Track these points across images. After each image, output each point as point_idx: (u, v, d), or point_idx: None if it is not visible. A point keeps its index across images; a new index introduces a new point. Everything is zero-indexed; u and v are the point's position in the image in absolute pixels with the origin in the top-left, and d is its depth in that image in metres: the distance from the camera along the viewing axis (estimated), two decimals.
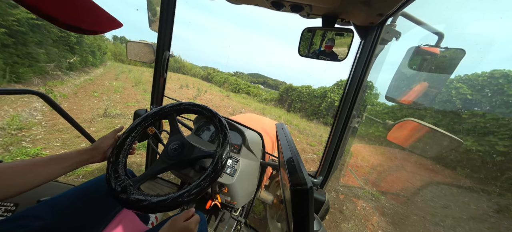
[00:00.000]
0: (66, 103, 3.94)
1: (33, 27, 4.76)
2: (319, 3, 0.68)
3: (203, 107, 0.74)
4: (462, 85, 7.13)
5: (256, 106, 12.07)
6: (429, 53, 0.74)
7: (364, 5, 0.60)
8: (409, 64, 0.81)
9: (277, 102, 15.98)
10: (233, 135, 1.17)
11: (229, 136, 0.67)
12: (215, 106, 8.18)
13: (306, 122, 11.05)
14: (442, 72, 0.74)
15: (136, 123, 0.71)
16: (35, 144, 2.29)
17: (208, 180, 0.57)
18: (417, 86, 0.84)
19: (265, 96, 17.63)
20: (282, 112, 12.55)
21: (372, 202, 3.14)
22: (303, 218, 0.37)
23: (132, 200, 0.53)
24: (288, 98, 15.07)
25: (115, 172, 0.58)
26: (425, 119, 7.11)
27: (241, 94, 18.02)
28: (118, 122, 3.58)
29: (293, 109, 14.21)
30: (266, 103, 15.88)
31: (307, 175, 0.37)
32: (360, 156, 5.48)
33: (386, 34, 0.76)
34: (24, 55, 4.43)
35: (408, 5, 0.56)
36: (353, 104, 0.92)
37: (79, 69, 7.62)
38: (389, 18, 0.68)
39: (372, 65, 0.84)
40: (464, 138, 5.71)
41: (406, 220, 2.84)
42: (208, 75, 26.99)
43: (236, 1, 0.89)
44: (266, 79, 64.29)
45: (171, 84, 12.06)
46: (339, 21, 0.80)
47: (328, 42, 0.83)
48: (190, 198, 0.54)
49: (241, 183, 1.03)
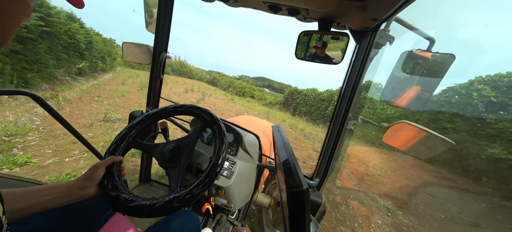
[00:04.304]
0: (69, 108, 3.82)
1: (42, 34, 4.76)
2: (315, 7, 0.69)
3: (203, 110, 0.74)
4: (485, 87, 6.35)
5: (261, 110, 11.77)
6: (421, 58, 0.76)
7: (359, 9, 0.62)
8: (403, 68, 0.83)
9: (282, 105, 15.58)
10: (230, 137, 1.17)
11: (226, 142, 0.67)
12: (219, 110, 7.94)
13: (312, 126, 10.69)
14: (434, 76, 0.76)
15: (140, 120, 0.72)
16: (26, 151, 2.19)
17: (200, 187, 0.57)
18: (411, 90, 0.86)
19: (270, 99, 17.27)
20: (287, 116, 11.92)
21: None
22: (299, 221, 0.37)
23: (122, 199, 0.53)
24: (293, 102, 14.68)
25: (108, 169, 0.58)
26: (442, 124, 6.59)
27: (246, 98, 17.72)
28: (117, 126, 3.46)
29: (299, 112, 13.78)
30: (270, 106, 15.46)
31: (303, 177, 0.37)
32: (356, 158, 5.36)
33: (380, 38, 0.77)
34: (33, 61, 4.45)
35: (400, 11, 0.58)
36: (349, 107, 0.93)
37: (88, 74, 7.62)
38: (383, 23, 0.70)
39: (367, 69, 0.85)
40: (491, 145, 5.15)
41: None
42: (213, 79, 26.88)
43: (233, 4, 0.89)
44: (271, 82, 63.81)
45: (177, 88, 11.88)
46: (335, 25, 0.82)
47: (324, 45, 0.85)
48: (182, 204, 0.54)
49: (238, 186, 1.02)
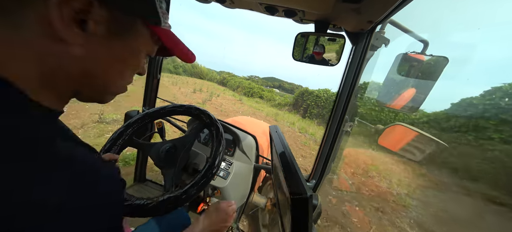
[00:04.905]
0: (65, 108, 3.74)
1: None
2: (311, 9, 0.70)
3: (202, 111, 0.74)
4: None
5: (269, 111, 11.19)
6: (416, 60, 0.77)
7: (354, 12, 0.63)
8: (398, 70, 0.84)
9: (292, 107, 14.44)
10: (228, 137, 1.16)
11: (223, 143, 0.66)
12: (225, 111, 7.60)
13: (323, 130, 10.07)
14: (428, 78, 0.77)
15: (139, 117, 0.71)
16: None
17: (196, 188, 0.56)
18: (406, 92, 0.87)
19: (279, 100, 16.36)
20: (297, 118, 10.92)
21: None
22: (302, 229, 0.36)
23: None
24: (303, 103, 13.56)
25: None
26: (487, 133, 5.02)
27: (255, 98, 17.27)
28: (111, 128, 3.34)
29: (309, 115, 12.69)
30: (279, 108, 14.56)
31: (305, 183, 0.36)
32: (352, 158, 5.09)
33: (375, 40, 0.78)
34: None
35: (395, 13, 0.59)
36: (346, 108, 0.94)
37: None
38: (378, 25, 0.71)
39: (363, 70, 0.86)
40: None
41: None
42: (223, 79, 26.79)
43: (230, 5, 0.90)
44: (281, 83, 61.67)
45: (186, 88, 11.60)
46: (331, 27, 0.83)
47: (321, 47, 0.85)
48: (176, 204, 0.53)
49: (234, 187, 1.02)
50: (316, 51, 0.88)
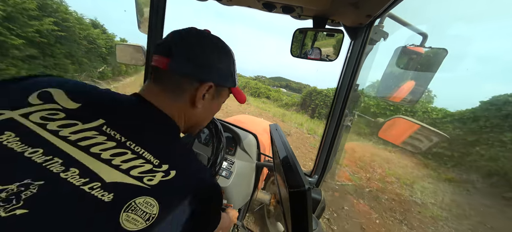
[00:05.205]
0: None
1: (59, 39, 4.69)
2: (309, 5, 0.69)
3: None
4: None
5: (276, 112, 10.79)
6: (415, 53, 0.77)
7: (352, 6, 0.62)
8: (397, 63, 0.84)
9: (299, 107, 13.77)
10: (228, 137, 1.16)
11: (224, 141, 0.66)
12: (230, 112, 7.33)
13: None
14: (427, 70, 0.77)
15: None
16: None
17: None
18: (406, 84, 0.87)
19: (286, 100, 15.67)
20: (305, 119, 10.32)
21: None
22: (302, 220, 0.37)
23: None
24: (311, 103, 12.83)
25: None
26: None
27: (261, 98, 16.79)
28: None
29: (318, 115, 11.96)
30: (286, 108, 13.95)
31: (304, 176, 0.37)
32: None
33: (374, 34, 0.78)
34: (51, 66, 4.44)
35: (393, 7, 0.59)
36: (346, 103, 0.94)
37: (110, 78, 7.65)
38: (377, 19, 0.71)
39: (362, 65, 0.86)
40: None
41: None
42: None
43: (227, 3, 0.89)
44: (289, 82, 60.41)
45: None
46: (330, 22, 0.82)
47: (319, 42, 0.85)
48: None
49: (237, 186, 1.02)
50: (315, 46, 0.87)
